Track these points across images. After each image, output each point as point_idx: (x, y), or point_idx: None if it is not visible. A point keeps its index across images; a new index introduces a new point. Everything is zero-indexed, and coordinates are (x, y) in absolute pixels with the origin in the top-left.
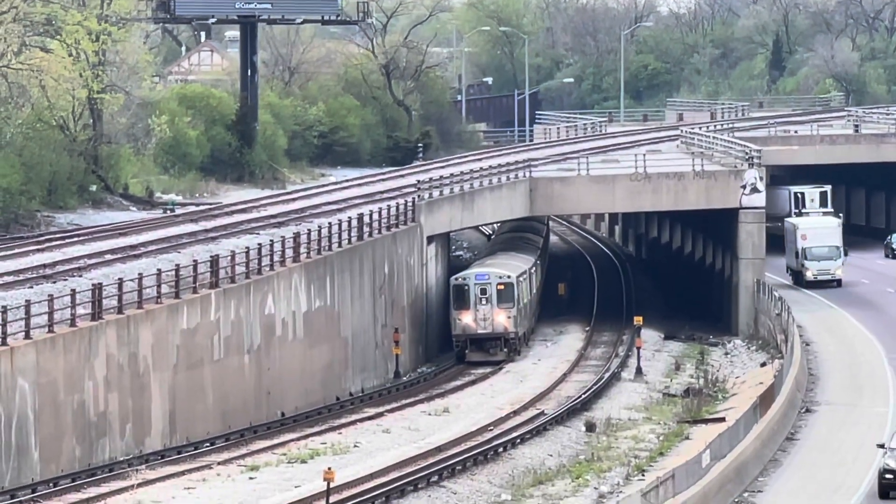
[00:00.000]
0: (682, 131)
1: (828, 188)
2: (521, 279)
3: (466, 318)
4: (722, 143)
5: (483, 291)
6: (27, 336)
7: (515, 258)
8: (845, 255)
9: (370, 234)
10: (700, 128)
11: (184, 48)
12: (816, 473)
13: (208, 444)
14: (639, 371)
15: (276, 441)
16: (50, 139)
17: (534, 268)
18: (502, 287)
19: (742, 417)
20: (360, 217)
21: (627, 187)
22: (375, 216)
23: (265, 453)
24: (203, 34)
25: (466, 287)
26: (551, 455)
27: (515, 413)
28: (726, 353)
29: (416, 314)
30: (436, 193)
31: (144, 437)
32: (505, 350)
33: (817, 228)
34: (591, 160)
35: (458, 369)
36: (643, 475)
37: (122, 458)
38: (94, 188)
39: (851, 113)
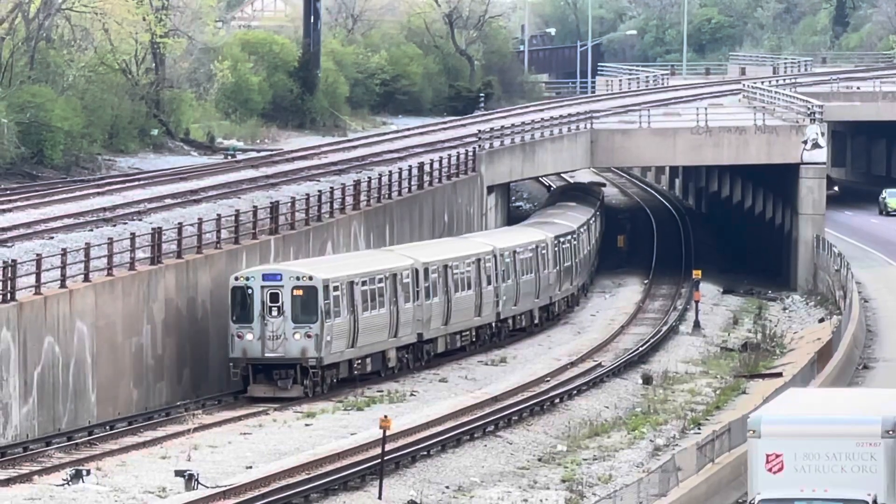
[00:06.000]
0: (744, 85)
1: None
2: (344, 283)
3: (248, 336)
4: (784, 98)
5: (273, 298)
6: (86, 279)
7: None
8: None
9: (430, 183)
10: (762, 82)
11: None
12: None
13: None
14: (696, 325)
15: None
16: (112, 83)
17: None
18: (300, 293)
19: (799, 373)
20: (421, 166)
21: (688, 140)
22: (436, 165)
23: (321, 400)
24: None
25: (249, 291)
26: (607, 407)
27: (573, 364)
28: (784, 309)
29: None
30: (496, 143)
31: (201, 382)
32: (304, 384)
33: None
34: (653, 113)
35: None
36: (699, 429)
37: (178, 403)
38: (155, 132)
39: None
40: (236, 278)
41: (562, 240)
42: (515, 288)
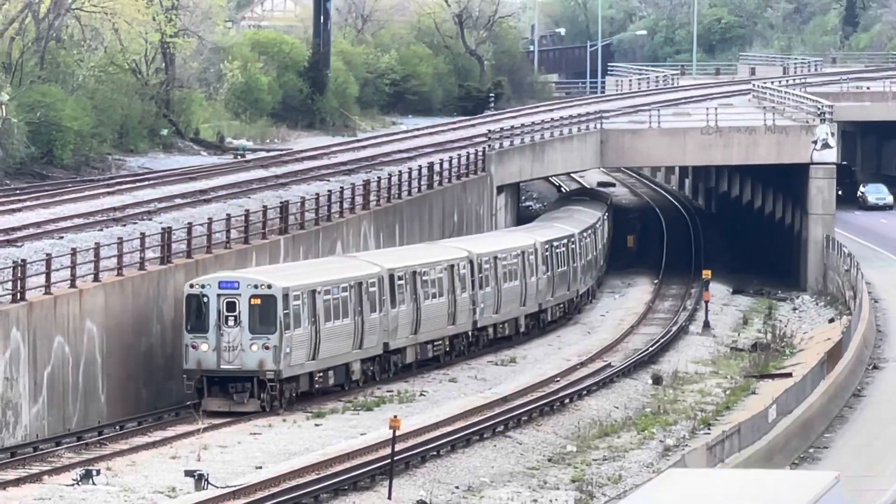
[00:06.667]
0: (753, 85)
1: None
2: (305, 291)
3: (203, 346)
4: (794, 98)
5: (230, 307)
6: (96, 279)
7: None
8: None
9: (440, 183)
10: (772, 82)
11: None
12: (883, 430)
13: None
14: (706, 325)
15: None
16: (122, 83)
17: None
18: (258, 302)
19: (809, 373)
20: (431, 166)
21: (698, 140)
22: (446, 165)
23: (331, 401)
24: None
25: (205, 299)
26: (617, 407)
27: (582, 364)
28: (794, 309)
29: None
30: (506, 143)
31: None
32: (261, 398)
33: None
34: (663, 113)
35: None
36: (709, 429)
37: (188, 402)
38: (165, 132)
39: None
40: (191, 285)
41: (556, 244)
42: (496, 295)
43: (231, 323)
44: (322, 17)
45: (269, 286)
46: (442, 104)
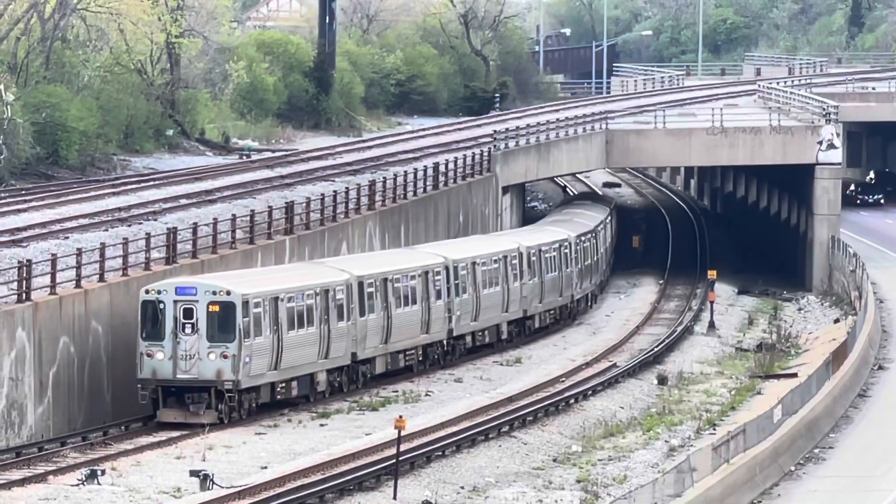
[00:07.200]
0: (759, 86)
1: None
2: (267, 298)
3: (159, 355)
4: (799, 99)
5: (187, 314)
6: (101, 279)
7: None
8: None
9: (445, 184)
10: (777, 83)
11: None
12: (888, 430)
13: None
14: (712, 325)
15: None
16: (127, 83)
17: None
18: (217, 309)
19: (814, 373)
20: (436, 166)
21: (704, 141)
22: (451, 165)
23: (337, 401)
24: None
25: (161, 306)
26: (622, 407)
27: (588, 365)
28: (800, 309)
29: None
30: (512, 144)
31: None
32: (219, 409)
33: None
34: (668, 113)
35: None
36: (714, 429)
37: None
38: (170, 133)
39: None
40: (147, 291)
41: (545, 249)
42: (474, 302)
43: (188, 331)
44: (327, 18)
45: (228, 293)
46: (447, 104)
